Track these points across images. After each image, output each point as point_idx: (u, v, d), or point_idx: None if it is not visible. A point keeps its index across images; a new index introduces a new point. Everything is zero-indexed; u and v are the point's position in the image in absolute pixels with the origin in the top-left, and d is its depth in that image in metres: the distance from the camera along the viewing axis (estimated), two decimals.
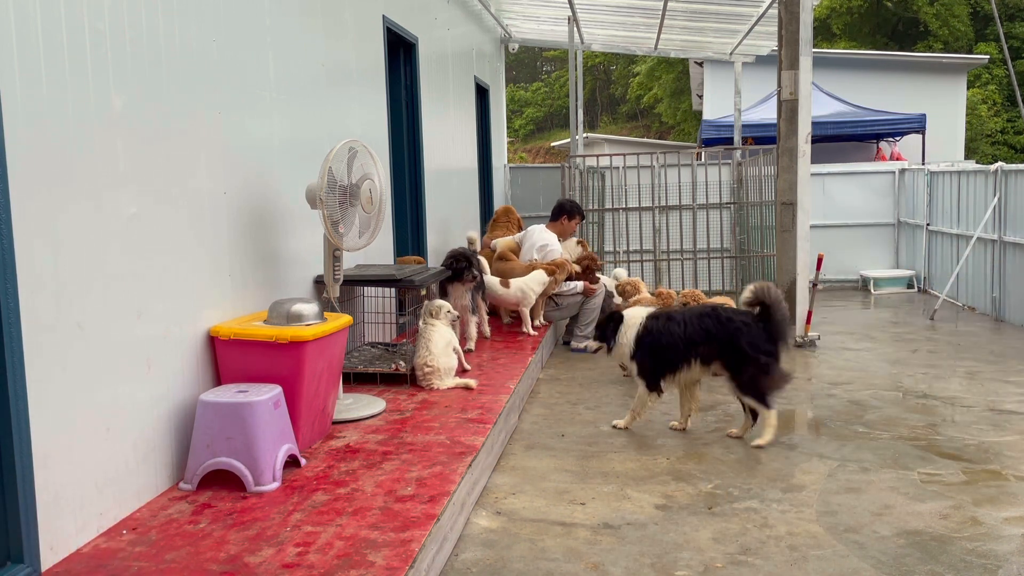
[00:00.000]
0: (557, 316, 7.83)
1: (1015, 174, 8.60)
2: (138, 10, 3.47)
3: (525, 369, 5.98)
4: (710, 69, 18.75)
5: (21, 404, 2.79)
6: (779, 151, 8.95)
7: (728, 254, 11.19)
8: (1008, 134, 27.16)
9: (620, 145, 24.37)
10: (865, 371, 6.71)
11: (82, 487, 3.12)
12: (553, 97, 45.33)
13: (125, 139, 3.38)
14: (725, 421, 5.33)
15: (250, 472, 3.61)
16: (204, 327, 3.98)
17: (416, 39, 7.69)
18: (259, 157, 4.58)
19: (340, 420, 4.63)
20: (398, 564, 2.92)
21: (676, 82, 34.25)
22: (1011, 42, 27.25)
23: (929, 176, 10.89)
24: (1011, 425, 5.16)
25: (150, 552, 3.05)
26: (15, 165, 2.78)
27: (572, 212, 8.25)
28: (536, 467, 4.56)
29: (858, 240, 11.82)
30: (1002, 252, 8.82)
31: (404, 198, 7.67)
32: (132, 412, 3.42)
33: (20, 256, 2.80)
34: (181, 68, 3.79)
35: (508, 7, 12.00)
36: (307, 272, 5.18)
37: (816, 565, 3.34)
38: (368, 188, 4.58)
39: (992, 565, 3.32)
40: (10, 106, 2.77)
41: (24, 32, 2.84)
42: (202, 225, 3.97)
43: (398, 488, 3.65)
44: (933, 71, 18.28)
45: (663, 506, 3.97)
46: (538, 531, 3.72)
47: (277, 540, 3.13)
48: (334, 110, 5.66)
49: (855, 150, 16.68)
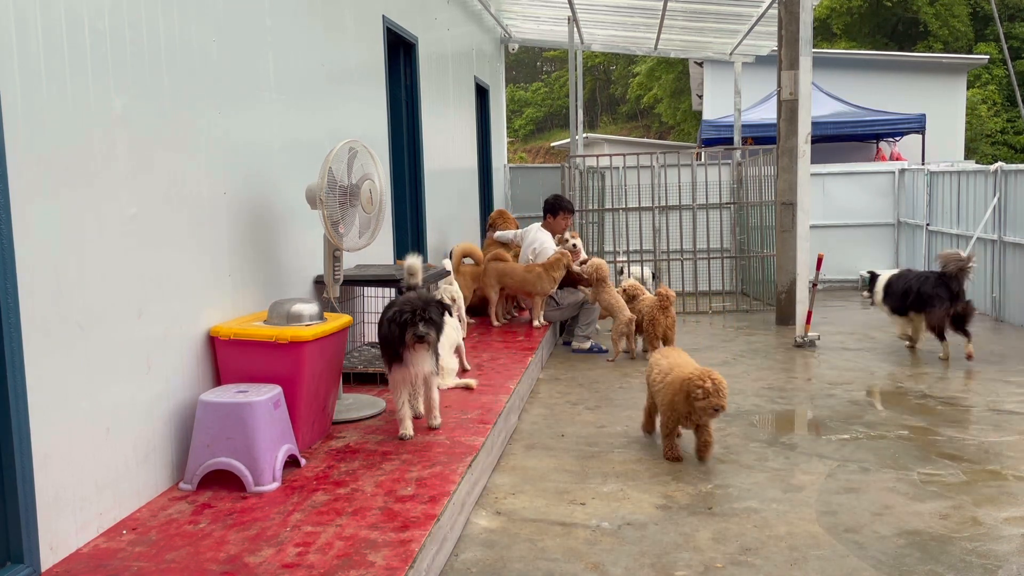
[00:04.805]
0: (557, 316, 7.83)
1: (1015, 174, 8.60)
2: (138, 10, 3.47)
3: (525, 369, 5.98)
4: (710, 69, 18.75)
5: (21, 404, 2.79)
6: (779, 151, 8.96)
7: (728, 254, 11.19)
8: (1008, 134, 27.15)
9: (620, 145, 24.37)
10: (865, 371, 6.71)
11: (82, 487, 3.12)
12: (553, 97, 45.33)
13: (125, 139, 3.38)
14: (725, 421, 5.33)
15: (250, 472, 3.61)
16: (204, 327, 3.98)
17: (416, 39, 7.69)
18: (259, 157, 4.58)
19: (340, 420, 4.63)
20: (398, 564, 2.92)
21: (676, 82, 34.26)
22: (1011, 42, 27.26)
23: (929, 176, 10.89)
24: (1011, 425, 5.16)
25: (150, 552, 3.05)
26: (15, 165, 2.78)
27: (555, 208, 8.13)
28: (536, 467, 4.56)
29: (858, 240, 11.83)
30: (1002, 252, 8.82)
31: (404, 198, 7.67)
32: (132, 412, 3.42)
33: (20, 256, 2.80)
34: (181, 68, 3.79)
35: (508, 7, 12.01)
36: (307, 272, 5.18)
37: (816, 565, 3.34)
38: (368, 188, 4.58)
39: (992, 565, 3.32)
40: (10, 106, 2.77)
41: (24, 32, 2.84)
42: (202, 225, 3.97)
43: (398, 488, 3.65)
44: (933, 71, 18.28)
45: (663, 506, 3.97)
46: (538, 531, 3.72)
47: (277, 540, 3.13)
48: (334, 110, 5.66)
49: (855, 150, 16.69)
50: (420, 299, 4.28)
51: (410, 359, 4.25)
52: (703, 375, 4.35)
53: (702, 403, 4.30)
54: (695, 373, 4.40)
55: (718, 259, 10.83)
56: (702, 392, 4.29)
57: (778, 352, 7.55)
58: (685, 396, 4.40)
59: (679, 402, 4.46)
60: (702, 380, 4.31)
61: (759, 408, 5.68)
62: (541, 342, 6.99)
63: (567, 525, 3.77)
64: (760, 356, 7.39)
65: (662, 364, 4.76)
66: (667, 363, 4.74)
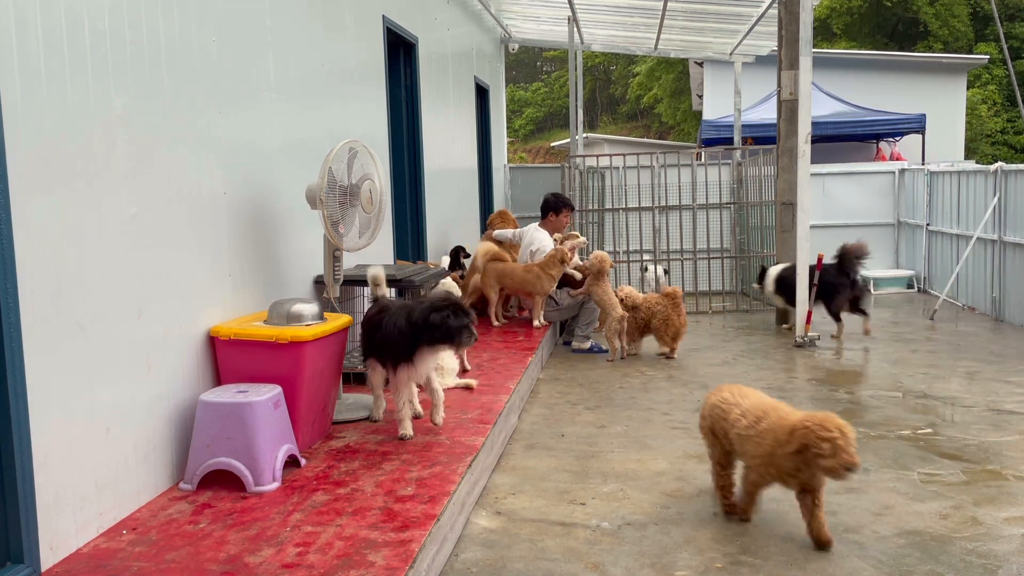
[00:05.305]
0: (557, 316, 7.82)
1: (1015, 174, 8.60)
2: (138, 10, 3.47)
3: (525, 369, 5.98)
4: (710, 69, 18.75)
5: (21, 404, 2.79)
6: (779, 151, 8.96)
7: (728, 254, 11.19)
8: (1008, 134, 27.15)
9: (620, 145, 24.37)
10: (865, 371, 6.71)
11: (82, 487, 3.12)
12: (553, 97, 45.33)
13: (125, 139, 3.38)
14: None
15: (250, 472, 3.61)
16: (204, 327, 3.98)
17: (416, 39, 7.69)
18: (259, 157, 4.58)
19: (340, 420, 4.64)
20: (398, 564, 2.92)
21: (676, 82, 34.26)
22: (1011, 42, 27.25)
23: (929, 176, 10.89)
24: (1011, 425, 5.16)
25: (150, 552, 3.05)
26: (15, 165, 2.78)
27: (557, 206, 8.04)
28: (536, 467, 4.56)
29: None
30: (1002, 252, 8.82)
31: (404, 198, 7.67)
32: (132, 412, 3.42)
33: (20, 256, 2.80)
34: (181, 68, 3.79)
35: (508, 7, 12.01)
36: (307, 272, 5.18)
37: (816, 565, 3.34)
38: (368, 188, 4.58)
39: (992, 565, 3.32)
40: (10, 106, 2.77)
41: (24, 32, 2.84)
42: (202, 225, 3.97)
43: (398, 488, 3.65)
44: (933, 71, 18.28)
45: (663, 506, 3.97)
46: (538, 531, 3.72)
47: (277, 540, 3.13)
48: (334, 110, 5.66)
49: (855, 150, 16.68)
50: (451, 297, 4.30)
51: (422, 359, 4.25)
52: (827, 423, 3.27)
53: (829, 462, 3.21)
54: (815, 421, 3.30)
55: (718, 259, 10.83)
56: (830, 448, 3.21)
57: (778, 352, 7.55)
58: (799, 450, 3.33)
59: (785, 457, 3.40)
60: (828, 431, 3.23)
61: None
62: (541, 342, 6.99)
63: (567, 525, 3.77)
64: (760, 356, 7.39)
65: (744, 404, 3.73)
66: (750, 403, 3.72)
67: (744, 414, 3.67)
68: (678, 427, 5.23)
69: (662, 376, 6.65)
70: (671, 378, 6.58)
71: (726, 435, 3.75)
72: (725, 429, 3.75)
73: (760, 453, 3.53)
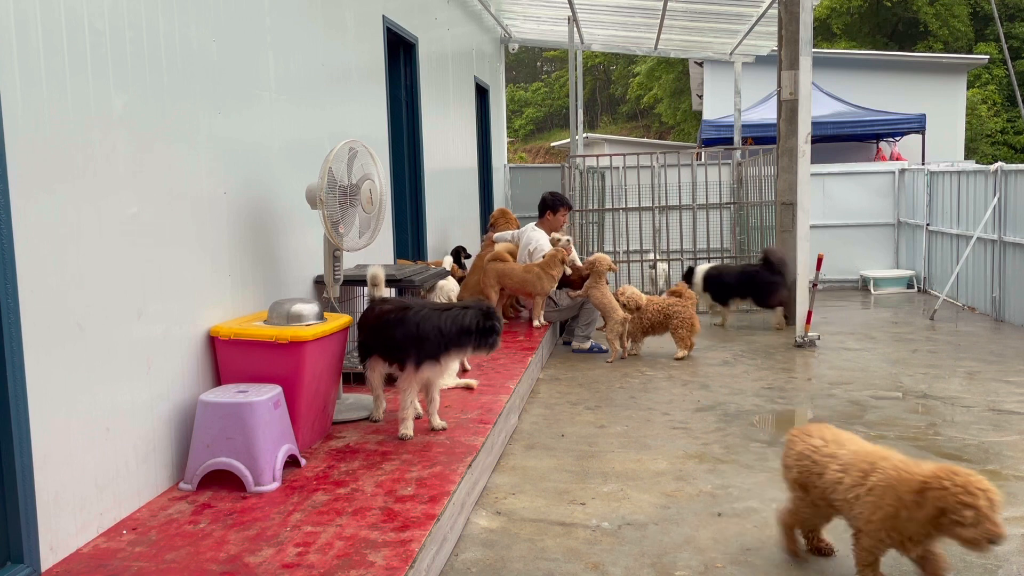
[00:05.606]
0: (557, 317, 7.82)
1: (1015, 174, 8.60)
2: (138, 10, 3.48)
3: (525, 369, 5.98)
4: (710, 69, 18.76)
5: (21, 404, 2.79)
6: (779, 151, 8.97)
7: (728, 254, 11.19)
8: (1008, 134, 27.16)
9: (620, 145, 24.38)
10: (865, 371, 6.71)
11: (82, 487, 3.12)
12: (553, 97, 45.33)
13: (125, 139, 3.38)
14: (724, 420, 5.33)
15: (250, 472, 3.61)
16: (204, 327, 3.98)
17: (416, 39, 7.69)
18: (259, 157, 4.58)
19: (340, 420, 4.63)
20: (398, 564, 2.92)
21: (676, 82, 34.26)
22: (1011, 42, 27.26)
23: (929, 176, 10.89)
24: (1011, 425, 5.16)
25: (150, 552, 3.05)
26: (15, 165, 2.78)
27: (555, 205, 7.96)
28: (536, 467, 4.56)
29: (858, 240, 11.82)
30: (1002, 252, 8.82)
31: (404, 198, 7.67)
32: (132, 412, 3.42)
33: (20, 256, 2.80)
34: (181, 68, 3.79)
35: (508, 7, 12.01)
36: (307, 272, 5.18)
37: (816, 565, 3.34)
38: (368, 188, 4.58)
39: (992, 565, 3.32)
40: (10, 106, 2.77)
41: (24, 32, 2.84)
42: (202, 225, 3.97)
43: (398, 488, 3.65)
44: (933, 71, 18.29)
45: (663, 506, 3.97)
46: (538, 531, 3.72)
47: (277, 540, 3.13)
48: (334, 110, 5.66)
49: (855, 150, 16.70)
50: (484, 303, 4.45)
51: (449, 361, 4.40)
52: (969, 485, 2.64)
53: (970, 532, 2.62)
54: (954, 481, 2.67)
55: (718, 259, 10.82)
56: (973, 517, 2.61)
57: (778, 352, 7.55)
58: (933, 515, 2.72)
59: (909, 520, 2.80)
60: (971, 494, 2.61)
61: (759, 408, 5.68)
62: (541, 342, 6.99)
63: (567, 525, 3.77)
64: (760, 356, 7.39)
65: (842, 456, 3.07)
66: (850, 454, 3.06)
67: (845, 469, 3.02)
68: (678, 427, 5.23)
69: (662, 376, 6.65)
70: (671, 378, 6.58)
71: (823, 495, 3.10)
72: (822, 488, 3.10)
73: (878, 517, 2.86)
